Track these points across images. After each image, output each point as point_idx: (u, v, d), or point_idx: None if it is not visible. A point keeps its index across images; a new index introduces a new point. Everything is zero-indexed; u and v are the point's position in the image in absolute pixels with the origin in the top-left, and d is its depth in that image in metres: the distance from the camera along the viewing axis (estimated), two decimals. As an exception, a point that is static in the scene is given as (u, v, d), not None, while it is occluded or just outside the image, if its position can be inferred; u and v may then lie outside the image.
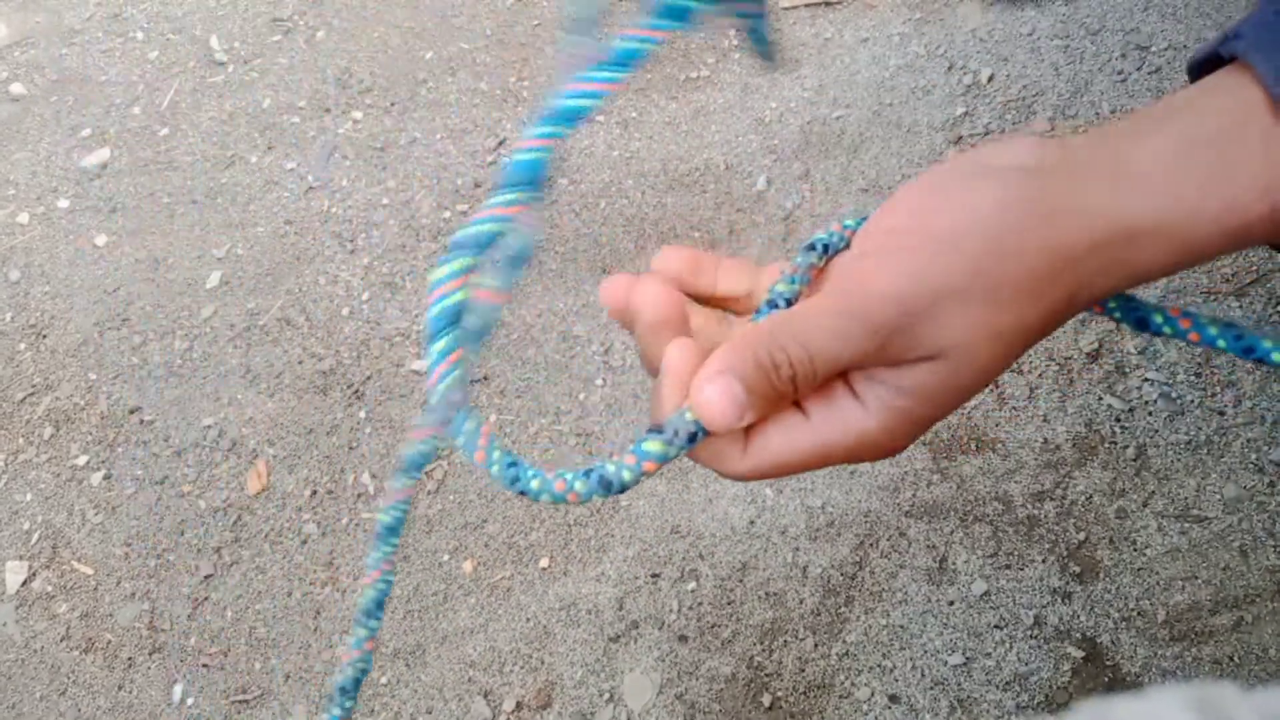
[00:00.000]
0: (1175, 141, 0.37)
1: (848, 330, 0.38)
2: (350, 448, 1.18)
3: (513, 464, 0.39)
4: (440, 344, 0.38)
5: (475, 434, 0.39)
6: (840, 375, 0.39)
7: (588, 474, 0.39)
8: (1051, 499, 1.03)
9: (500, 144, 1.38)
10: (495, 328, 0.40)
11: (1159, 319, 0.42)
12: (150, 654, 1.09)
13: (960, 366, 0.38)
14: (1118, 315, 0.43)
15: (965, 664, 0.97)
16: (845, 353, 0.38)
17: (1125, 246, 0.37)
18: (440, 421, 0.39)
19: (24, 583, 1.15)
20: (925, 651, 0.98)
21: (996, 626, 0.98)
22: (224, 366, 1.26)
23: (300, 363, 1.25)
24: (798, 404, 0.40)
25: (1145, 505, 1.01)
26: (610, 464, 0.39)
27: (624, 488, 0.39)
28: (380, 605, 0.51)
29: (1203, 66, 0.42)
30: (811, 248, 0.41)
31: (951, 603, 1.00)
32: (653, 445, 0.38)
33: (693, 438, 0.38)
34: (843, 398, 0.39)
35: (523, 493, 0.39)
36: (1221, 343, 0.41)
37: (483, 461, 0.39)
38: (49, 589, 1.15)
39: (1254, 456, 1.02)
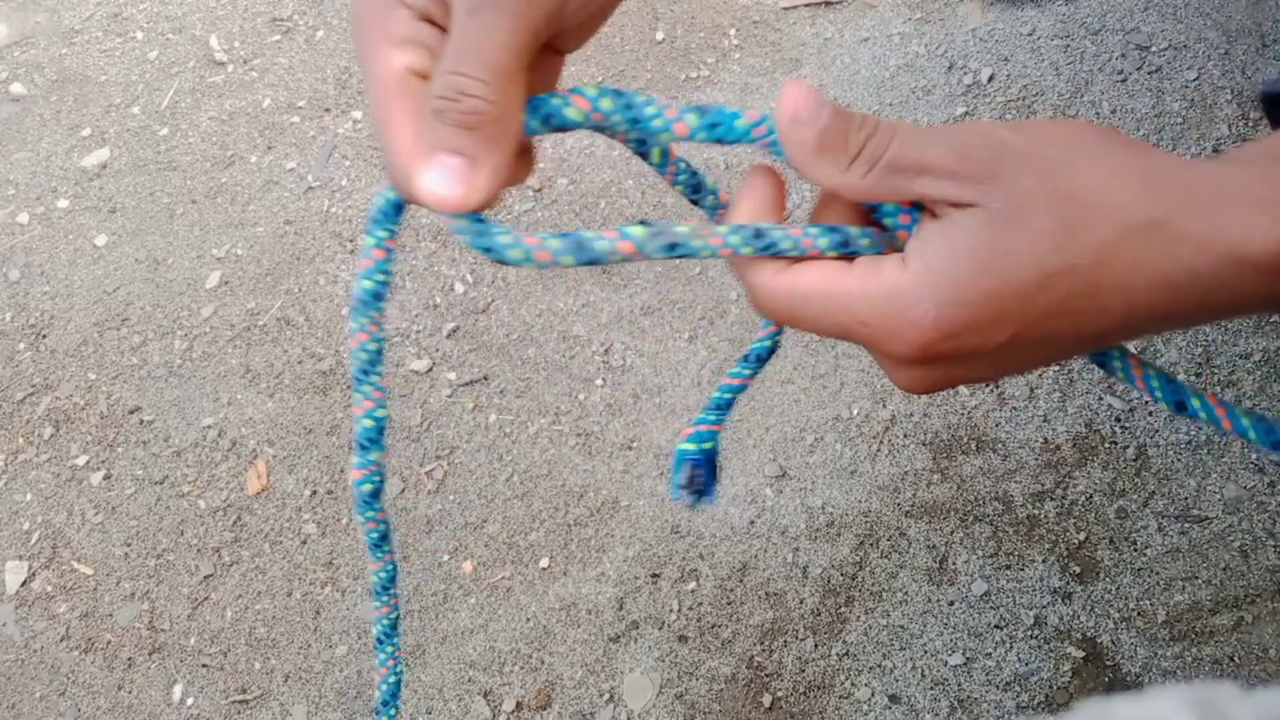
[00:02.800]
0: None
1: (937, 138, 0.37)
2: (350, 448, 1.18)
3: (480, 219, 0.37)
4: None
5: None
6: (895, 251, 0.39)
7: (564, 235, 0.38)
8: (1052, 499, 1.03)
9: (500, 144, 1.38)
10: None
11: (1196, 403, 0.42)
12: (150, 654, 1.09)
13: (1012, 224, 0.36)
14: (1158, 395, 0.43)
15: (965, 664, 0.97)
16: (924, 150, 0.37)
17: (1233, 270, 0.36)
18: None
19: (24, 583, 1.15)
20: (925, 652, 0.98)
21: (997, 626, 0.98)
22: (224, 366, 1.26)
23: (300, 363, 1.25)
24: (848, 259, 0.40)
25: (1145, 505, 1.01)
26: (589, 231, 0.38)
27: (597, 258, 0.37)
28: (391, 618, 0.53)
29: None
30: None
31: (952, 603, 1.00)
32: (636, 229, 0.38)
33: (672, 247, 0.38)
34: (889, 258, 0.39)
35: (487, 249, 0.37)
36: (1253, 434, 0.42)
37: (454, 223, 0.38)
38: (49, 589, 1.15)
39: (1254, 456, 1.02)
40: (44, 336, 1.32)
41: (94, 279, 1.36)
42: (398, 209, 0.40)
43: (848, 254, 0.40)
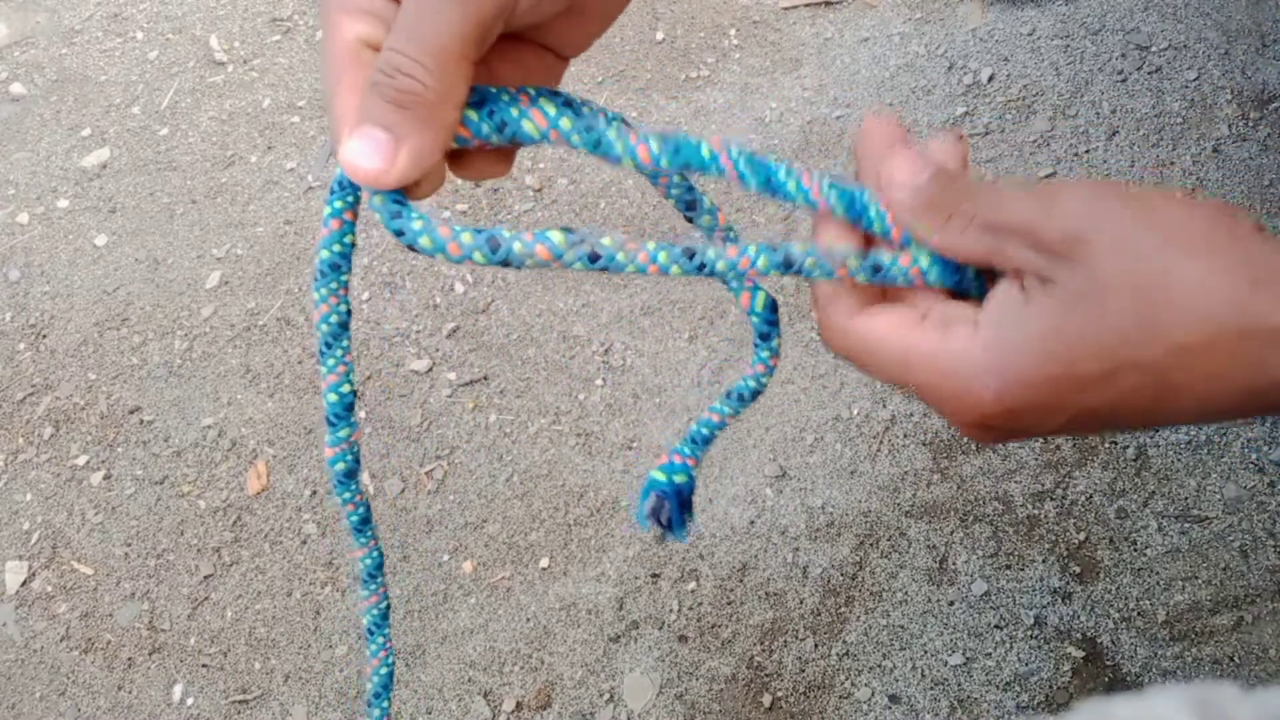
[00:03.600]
0: None
1: (1031, 199, 0.37)
2: (350, 448, 1.18)
3: (399, 201, 0.36)
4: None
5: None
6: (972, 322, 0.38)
7: (479, 232, 0.36)
8: (1052, 499, 1.03)
9: (500, 144, 1.38)
10: None
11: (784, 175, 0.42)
12: (150, 654, 1.09)
13: (1086, 309, 0.35)
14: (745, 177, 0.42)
15: (965, 664, 0.97)
16: (1016, 210, 0.37)
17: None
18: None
19: (24, 583, 1.15)
20: (925, 651, 0.98)
21: (997, 626, 0.98)
22: (224, 366, 1.26)
23: (300, 363, 1.25)
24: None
25: (1145, 505, 1.01)
26: (507, 230, 0.36)
27: (509, 260, 0.36)
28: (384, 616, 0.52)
29: None
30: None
31: (952, 603, 1.00)
32: (555, 235, 0.36)
33: (594, 259, 0.36)
34: (961, 320, 0.38)
35: (399, 232, 0.35)
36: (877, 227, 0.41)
37: (369, 201, 0.35)
38: (49, 589, 1.15)
39: (1254, 456, 1.02)
40: (44, 336, 1.32)
41: (94, 279, 1.36)
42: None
43: (793, 273, 0.39)
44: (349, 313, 0.44)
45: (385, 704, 0.55)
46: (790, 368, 1.14)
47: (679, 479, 0.46)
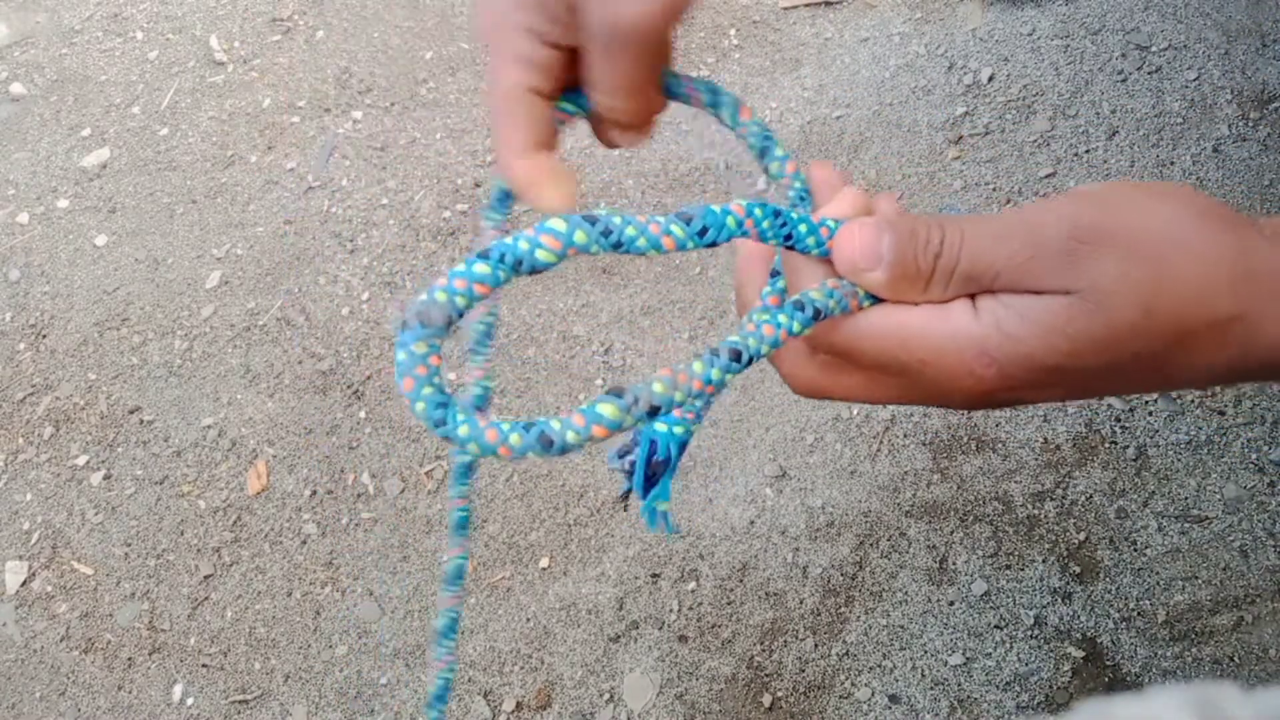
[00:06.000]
0: None
1: (1009, 233, 0.37)
2: (350, 448, 1.18)
3: (442, 404, 0.35)
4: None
5: (418, 359, 0.34)
6: (969, 296, 0.38)
7: (527, 428, 0.35)
8: (1052, 499, 1.03)
9: (500, 144, 1.38)
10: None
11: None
12: (150, 654, 1.09)
13: (1092, 314, 0.36)
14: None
15: (965, 664, 0.97)
16: (996, 253, 0.37)
17: None
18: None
19: (24, 583, 1.15)
20: (925, 651, 0.98)
21: (997, 626, 0.98)
22: (224, 366, 1.26)
23: (300, 363, 1.25)
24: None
25: (1145, 505, 1.01)
26: (556, 421, 0.35)
27: (565, 449, 0.35)
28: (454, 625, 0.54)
29: None
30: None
31: (952, 603, 1.00)
32: (606, 408, 0.35)
33: (654, 411, 0.35)
34: (958, 304, 0.38)
35: (447, 438, 0.35)
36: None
37: (410, 391, 0.34)
38: (49, 589, 1.15)
39: (1254, 456, 1.02)
40: (44, 336, 1.32)
41: (94, 279, 1.36)
42: (507, 195, 0.46)
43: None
44: (490, 384, 0.48)
45: (443, 707, 0.57)
46: (790, 368, 1.14)
47: (678, 430, 0.46)
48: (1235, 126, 1.20)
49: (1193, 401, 1.05)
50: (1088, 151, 1.22)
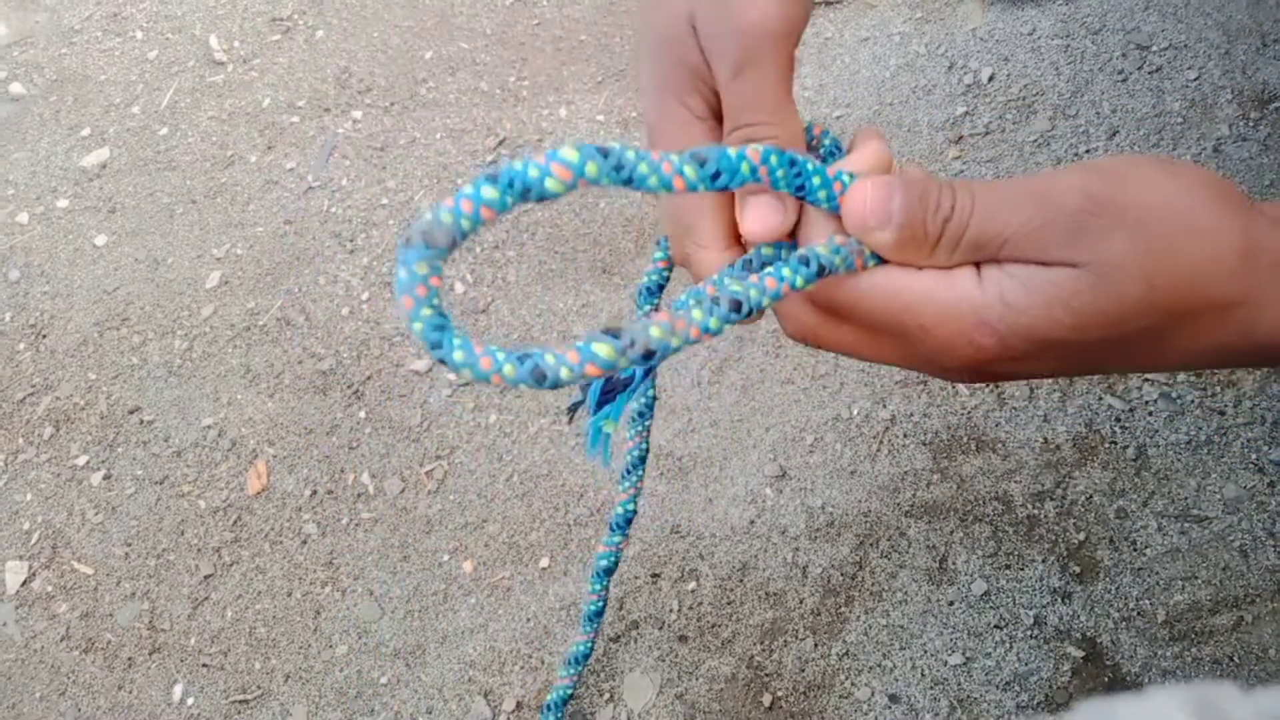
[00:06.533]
0: None
1: (1019, 202, 0.36)
2: (350, 448, 1.18)
3: (440, 326, 0.35)
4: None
5: (419, 278, 0.34)
6: (974, 264, 0.38)
7: (521, 359, 0.35)
8: (1051, 499, 1.03)
9: (500, 143, 1.38)
10: None
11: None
12: (150, 654, 1.09)
13: (1097, 287, 0.35)
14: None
15: (965, 664, 0.97)
16: (1008, 219, 0.36)
17: None
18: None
19: (24, 583, 1.15)
20: (925, 651, 0.98)
21: (996, 626, 0.98)
22: (224, 366, 1.26)
23: (300, 363, 1.25)
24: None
25: (1145, 505, 1.01)
26: (549, 355, 0.35)
27: (558, 384, 0.35)
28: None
29: None
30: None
31: (951, 603, 1.00)
32: (602, 348, 0.35)
33: (649, 355, 0.35)
34: (962, 272, 0.38)
35: (442, 360, 0.35)
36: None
37: (409, 310, 0.34)
38: (49, 589, 1.15)
39: (1254, 456, 1.02)
40: (44, 336, 1.32)
41: (94, 279, 1.36)
42: (662, 285, 0.46)
43: (823, 276, 0.39)
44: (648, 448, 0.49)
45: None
46: (790, 368, 1.14)
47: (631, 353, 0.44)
48: (1236, 126, 1.20)
49: (1193, 401, 1.05)
50: (1088, 151, 1.22)
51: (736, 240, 0.43)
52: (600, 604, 0.88)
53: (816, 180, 0.39)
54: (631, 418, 0.53)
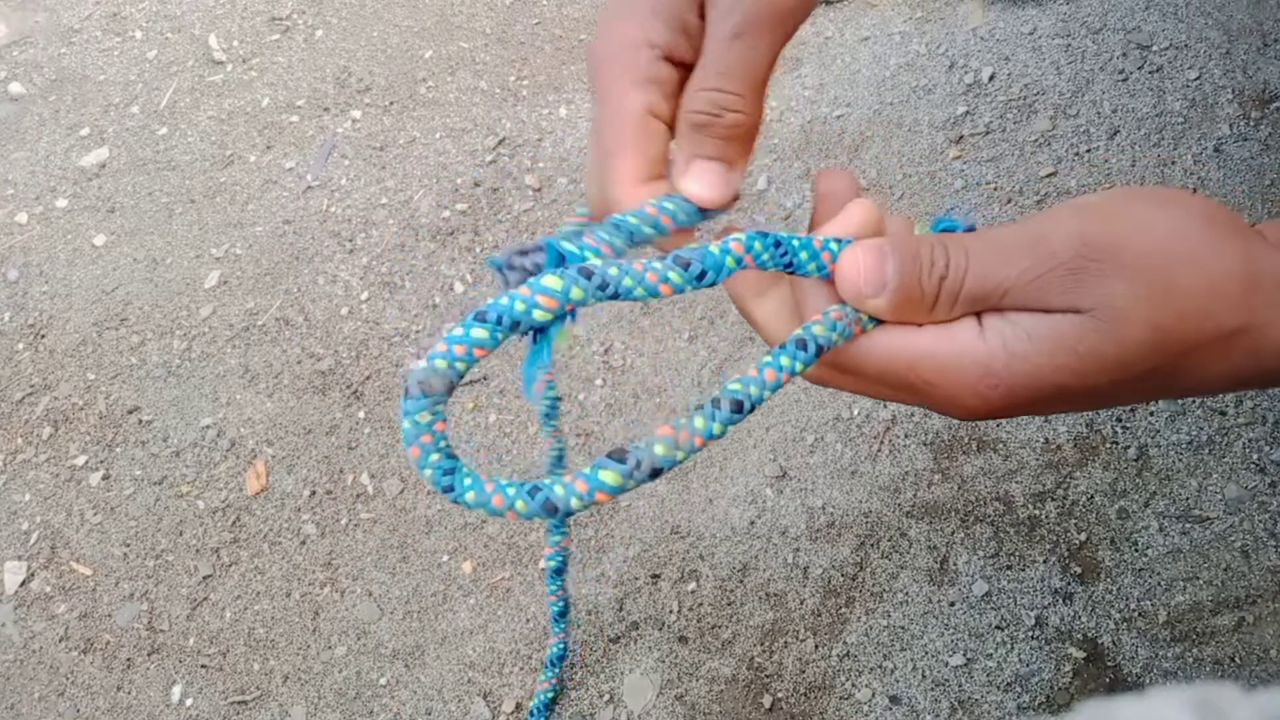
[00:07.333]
0: None
1: (1014, 251, 0.36)
2: (349, 448, 1.18)
3: (449, 471, 0.36)
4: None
5: (423, 427, 0.35)
6: (975, 314, 0.38)
7: (532, 493, 0.36)
8: (1053, 499, 1.03)
9: (500, 143, 1.38)
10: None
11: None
12: (149, 654, 1.09)
13: (1101, 331, 0.35)
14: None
15: (966, 665, 0.97)
16: (1004, 273, 0.36)
17: None
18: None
19: (22, 583, 1.15)
20: (926, 652, 0.98)
21: (998, 627, 0.98)
22: (222, 366, 1.26)
23: (299, 363, 1.25)
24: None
25: (1146, 505, 1.01)
26: (559, 486, 0.36)
27: (569, 514, 0.36)
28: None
29: None
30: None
31: (952, 603, 1.00)
32: (609, 475, 0.35)
33: (655, 473, 0.35)
34: (964, 323, 0.38)
35: (456, 502, 0.36)
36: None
37: (417, 458, 0.36)
38: (47, 589, 1.14)
39: (1255, 456, 1.01)
40: (43, 336, 1.32)
41: (93, 279, 1.35)
42: (556, 407, 0.44)
43: (822, 353, 0.39)
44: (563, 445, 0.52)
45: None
46: (790, 367, 1.14)
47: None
48: (1236, 126, 1.20)
49: (1194, 402, 1.05)
50: (1089, 151, 1.22)
51: (659, 175, 0.42)
52: (562, 604, 0.92)
53: (804, 255, 0.39)
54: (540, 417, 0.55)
